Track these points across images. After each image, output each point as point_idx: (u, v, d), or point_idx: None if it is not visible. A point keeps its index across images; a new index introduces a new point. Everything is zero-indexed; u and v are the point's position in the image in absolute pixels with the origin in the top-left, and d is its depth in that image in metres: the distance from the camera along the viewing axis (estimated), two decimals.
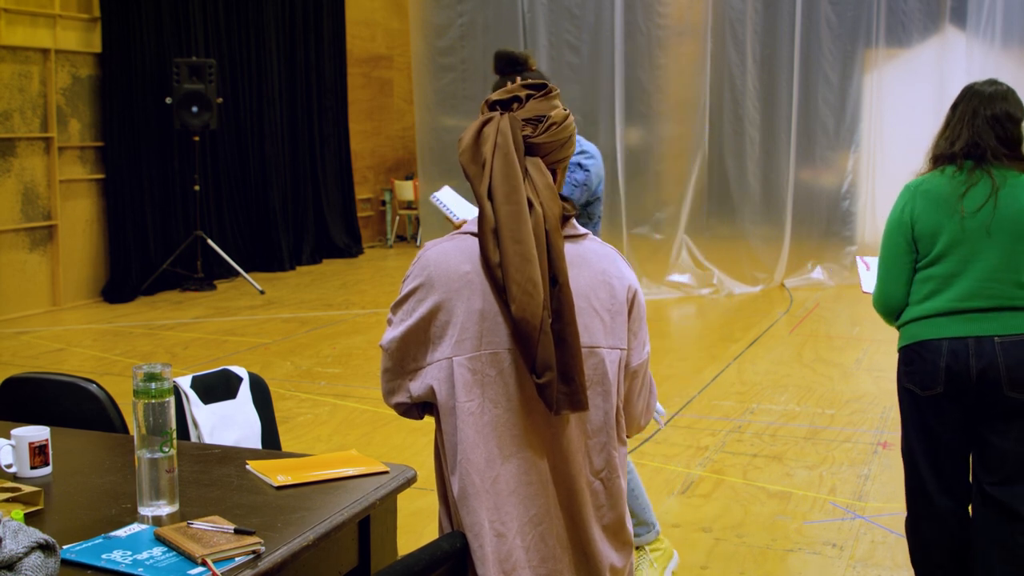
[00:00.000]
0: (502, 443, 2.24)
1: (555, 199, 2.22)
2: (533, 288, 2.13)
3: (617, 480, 2.33)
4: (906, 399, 3.45)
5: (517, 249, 2.14)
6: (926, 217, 3.32)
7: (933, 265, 3.32)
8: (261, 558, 2.07)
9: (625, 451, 2.38)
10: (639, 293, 2.35)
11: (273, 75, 13.15)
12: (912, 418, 3.43)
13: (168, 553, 2.08)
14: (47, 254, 10.37)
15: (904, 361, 3.42)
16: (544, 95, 2.29)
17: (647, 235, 11.65)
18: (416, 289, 2.29)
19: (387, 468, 2.59)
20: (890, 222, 3.42)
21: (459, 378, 2.23)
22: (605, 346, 2.26)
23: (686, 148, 11.61)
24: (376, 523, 2.51)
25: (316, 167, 13.90)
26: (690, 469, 5.47)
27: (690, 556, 4.42)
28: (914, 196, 3.37)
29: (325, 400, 6.93)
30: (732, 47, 11.54)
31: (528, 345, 2.14)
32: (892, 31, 11.85)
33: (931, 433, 3.39)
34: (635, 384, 2.37)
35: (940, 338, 3.28)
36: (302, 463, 2.65)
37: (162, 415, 2.27)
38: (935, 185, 3.35)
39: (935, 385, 3.30)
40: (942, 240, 3.29)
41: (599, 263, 2.30)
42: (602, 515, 2.32)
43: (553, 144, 2.27)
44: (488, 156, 2.20)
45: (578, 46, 11.57)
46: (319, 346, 8.58)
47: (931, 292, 3.33)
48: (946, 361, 3.27)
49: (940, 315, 3.29)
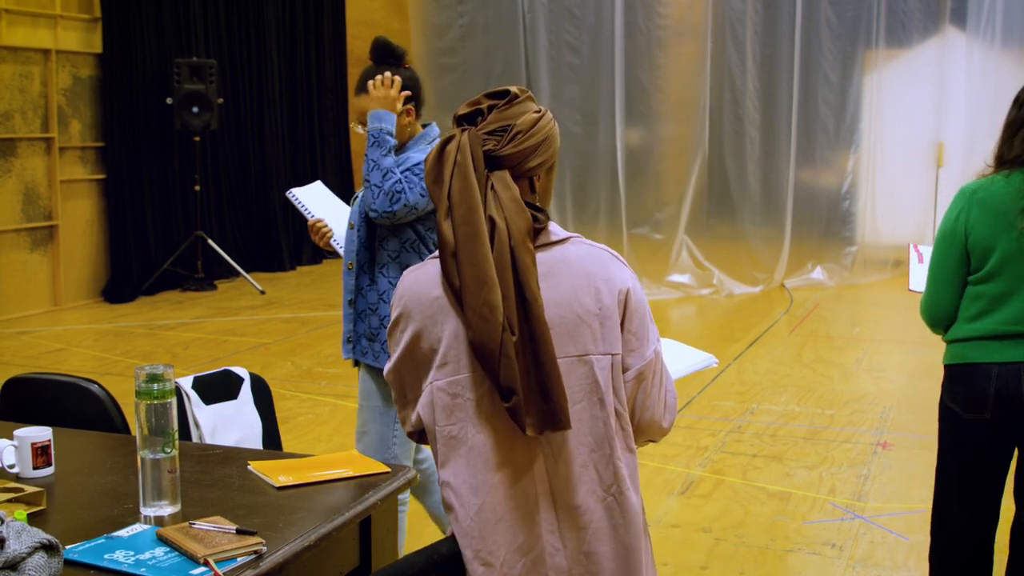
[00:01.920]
0: (487, 468, 2.17)
1: (521, 213, 2.14)
2: (489, 312, 2.07)
3: (628, 495, 2.22)
4: (947, 418, 3.23)
5: (472, 272, 2.09)
6: (981, 228, 3.05)
7: (986, 282, 3.08)
8: (263, 558, 2.09)
9: (634, 459, 2.26)
10: (633, 292, 2.23)
11: (274, 75, 13.14)
12: (950, 438, 3.24)
13: (170, 553, 2.09)
14: (48, 254, 10.38)
15: (950, 379, 3.21)
16: (508, 103, 2.23)
17: (647, 235, 11.66)
18: (398, 319, 2.27)
19: (388, 469, 2.60)
20: (944, 229, 3.15)
21: (438, 403, 2.20)
22: (596, 353, 2.17)
23: (686, 148, 11.62)
24: (377, 524, 2.52)
25: (316, 167, 13.90)
26: (690, 469, 5.48)
27: (690, 556, 4.43)
28: (970, 203, 3.08)
29: (325, 400, 6.94)
30: (732, 47, 11.54)
31: (489, 370, 2.09)
32: (892, 31, 11.87)
33: (969, 456, 3.18)
34: (645, 386, 2.26)
35: (991, 363, 3.07)
36: (303, 463, 2.66)
37: (164, 416, 2.28)
38: (993, 193, 3.05)
39: (983, 410, 3.09)
40: (996, 255, 3.04)
41: (583, 266, 2.20)
42: (619, 536, 2.22)
43: (521, 153, 2.20)
44: (447, 177, 2.16)
45: (578, 46, 11.59)
46: (320, 346, 8.58)
47: (982, 311, 3.09)
48: (995, 387, 3.06)
49: (990, 338, 3.07)
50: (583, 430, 2.19)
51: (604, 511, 2.20)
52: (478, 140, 2.19)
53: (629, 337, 2.23)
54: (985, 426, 3.11)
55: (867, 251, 11.95)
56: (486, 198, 2.15)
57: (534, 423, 2.11)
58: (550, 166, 2.29)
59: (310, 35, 13.88)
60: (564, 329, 2.16)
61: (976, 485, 3.20)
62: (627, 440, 2.24)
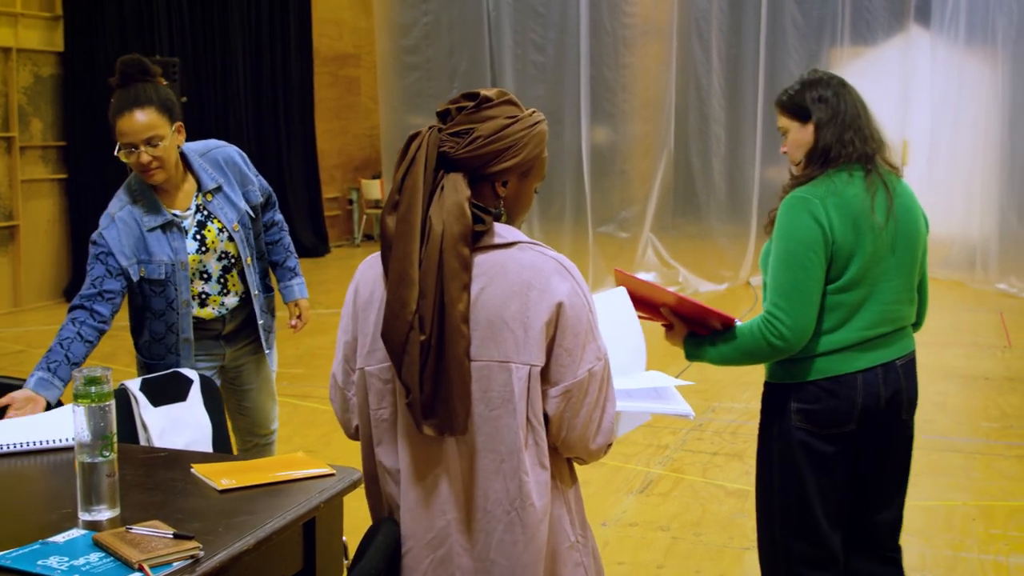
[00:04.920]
0: (407, 457, 2.21)
1: (461, 217, 2.11)
2: (400, 308, 2.10)
3: (530, 512, 2.16)
4: (797, 444, 2.96)
5: (397, 268, 2.13)
6: (844, 234, 2.87)
7: (847, 291, 2.90)
8: (200, 563, 2.06)
9: (546, 475, 2.20)
10: (569, 307, 2.15)
11: (239, 74, 13.08)
12: (807, 464, 2.96)
13: (105, 559, 2.06)
14: (8, 254, 10.30)
15: (808, 398, 2.94)
16: (477, 107, 2.20)
17: (613, 234, 11.68)
18: (346, 302, 2.34)
19: (333, 470, 2.57)
20: (804, 241, 2.87)
21: (372, 387, 2.25)
22: (516, 361, 2.13)
23: (652, 147, 11.64)
24: (321, 526, 2.49)
25: (283, 166, 13.85)
26: (650, 468, 5.48)
27: (647, 555, 4.43)
28: (827, 209, 2.88)
29: (286, 401, 6.89)
30: (698, 46, 11.57)
31: (394, 363, 2.14)
32: (857, 30, 11.93)
33: (833, 477, 2.98)
34: (572, 404, 2.18)
35: (855, 371, 2.91)
36: (248, 466, 2.63)
37: (103, 419, 2.25)
38: (846, 197, 2.90)
39: (847, 423, 2.92)
40: (857, 261, 2.89)
41: (521, 274, 2.16)
42: (517, 553, 2.17)
43: (479, 158, 2.17)
44: (402, 171, 2.18)
45: (543, 45, 11.59)
46: (282, 346, 8.43)
47: (843, 320, 2.91)
48: (862, 396, 2.91)
49: (853, 347, 2.91)
50: (497, 438, 2.16)
51: (506, 525, 2.17)
52: (437, 141, 2.19)
53: (560, 352, 2.16)
54: (845, 440, 2.95)
55: None
56: (432, 198, 2.15)
57: (434, 424, 2.12)
58: (525, 171, 2.26)
59: (276, 33, 13.81)
60: (489, 332, 2.15)
61: (837, 506, 3.02)
62: (539, 455, 2.19)
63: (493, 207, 2.23)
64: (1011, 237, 11.33)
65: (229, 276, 3.75)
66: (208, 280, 3.69)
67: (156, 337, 3.67)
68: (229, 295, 3.77)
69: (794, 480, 2.98)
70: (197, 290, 3.68)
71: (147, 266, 3.54)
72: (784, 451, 2.99)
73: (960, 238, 11.75)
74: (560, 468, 2.28)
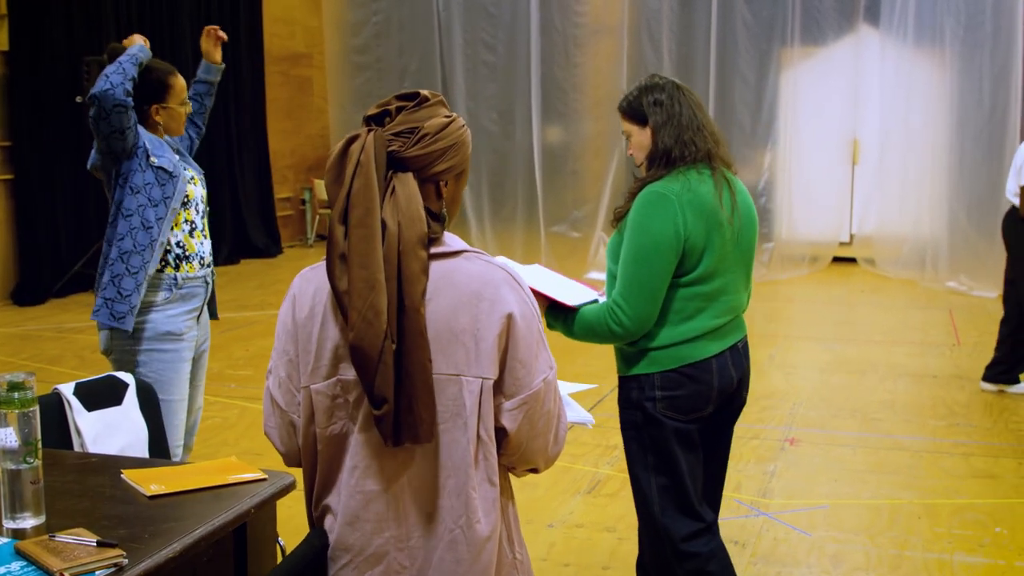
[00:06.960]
0: (355, 469, 2.13)
1: (416, 220, 2.07)
2: (374, 316, 2.01)
3: (476, 529, 2.11)
4: (666, 428, 3.12)
5: (362, 275, 2.03)
6: (696, 231, 3.01)
7: (702, 283, 3.07)
8: (123, 571, 2.03)
9: (494, 492, 2.15)
10: (519, 318, 2.11)
11: (188, 72, 12.91)
12: (677, 446, 3.13)
13: (27, 567, 2.02)
14: None
15: (667, 385, 3.10)
16: (417, 105, 2.16)
17: (565, 233, 11.69)
18: (281, 320, 2.23)
19: (265, 475, 2.54)
20: (656, 238, 3.00)
21: (319, 405, 2.15)
22: (468, 375, 2.08)
23: (603, 146, 11.66)
24: (253, 531, 2.46)
25: (234, 167, 13.74)
26: (598, 468, 5.48)
27: (592, 556, 4.42)
28: (682, 207, 3.01)
29: (234, 403, 6.85)
30: (648, 46, 11.61)
31: (365, 375, 2.03)
32: (807, 30, 12.02)
33: (697, 454, 3.19)
34: (531, 416, 2.15)
35: (709, 357, 3.10)
36: (179, 471, 2.60)
37: (27, 425, 2.21)
38: (699, 194, 3.03)
39: (706, 407, 3.12)
40: (710, 255, 3.05)
41: (470, 284, 2.11)
42: (460, 572, 2.12)
43: (427, 157, 2.13)
44: (348, 176, 2.09)
45: (494, 44, 11.58)
46: (231, 348, 8.47)
47: (698, 310, 3.08)
48: (717, 379, 3.11)
49: (707, 334, 3.10)
50: (445, 452, 2.11)
51: (448, 543, 2.12)
52: (383, 141, 2.12)
53: (514, 364, 2.12)
54: (703, 422, 3.15)
55: (784, 247, 12.08)
56: (384, 199, 2.09)
57: (395, 434, 2.05)
58: (459, 173, 2.22)
59: (226, 32, 13.62)
60: (439, 345, 2.08)
61: (698, 481, 3.21)
62: (489, 471, 2.14)
63: (436, 208, 2.18)
64: (961, 235, 11.43)
65: (203, 222, 4.35)
66: (198, 214, 4.28)
67: (138, 248, 4.12)
68: (206, 241, 4.34)
69: (668, 462, 3.15)
70: (191, 216, 4.25)
71: (159, 158, 4.17)
72: (655, 436, 3.15)
73: (911, 237, 11.84)
74: (505, 484, 2.24)
